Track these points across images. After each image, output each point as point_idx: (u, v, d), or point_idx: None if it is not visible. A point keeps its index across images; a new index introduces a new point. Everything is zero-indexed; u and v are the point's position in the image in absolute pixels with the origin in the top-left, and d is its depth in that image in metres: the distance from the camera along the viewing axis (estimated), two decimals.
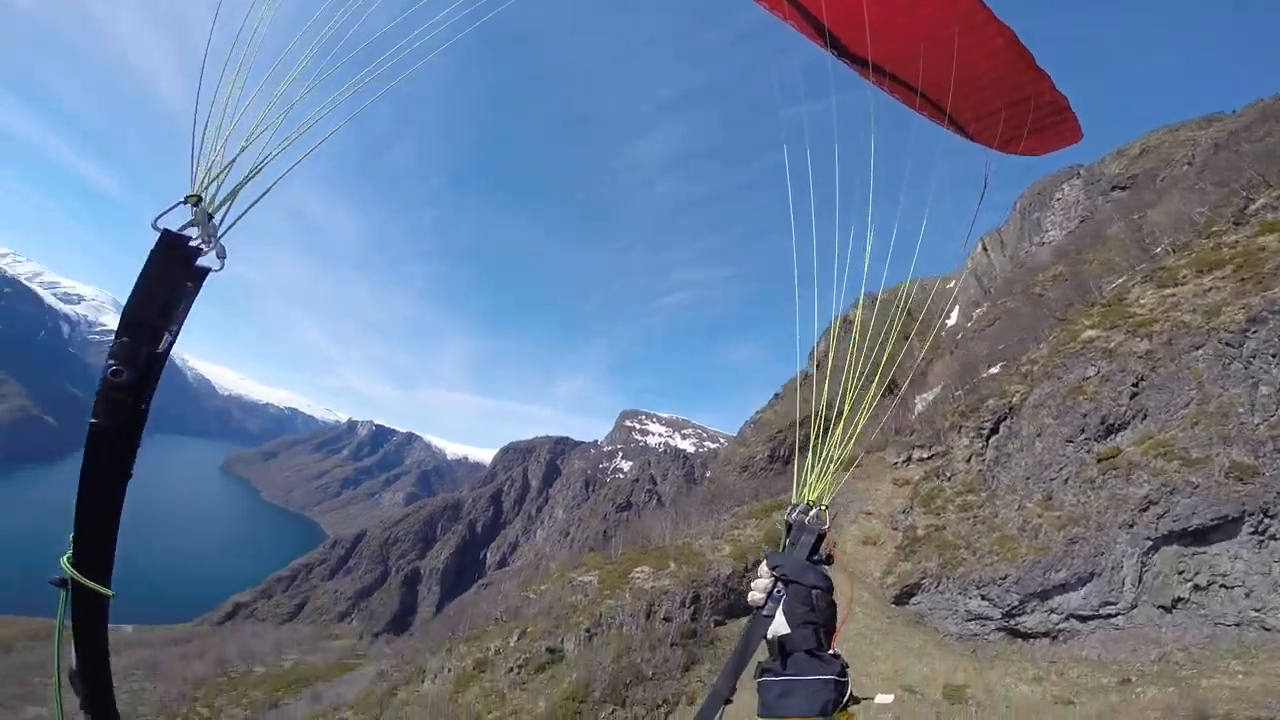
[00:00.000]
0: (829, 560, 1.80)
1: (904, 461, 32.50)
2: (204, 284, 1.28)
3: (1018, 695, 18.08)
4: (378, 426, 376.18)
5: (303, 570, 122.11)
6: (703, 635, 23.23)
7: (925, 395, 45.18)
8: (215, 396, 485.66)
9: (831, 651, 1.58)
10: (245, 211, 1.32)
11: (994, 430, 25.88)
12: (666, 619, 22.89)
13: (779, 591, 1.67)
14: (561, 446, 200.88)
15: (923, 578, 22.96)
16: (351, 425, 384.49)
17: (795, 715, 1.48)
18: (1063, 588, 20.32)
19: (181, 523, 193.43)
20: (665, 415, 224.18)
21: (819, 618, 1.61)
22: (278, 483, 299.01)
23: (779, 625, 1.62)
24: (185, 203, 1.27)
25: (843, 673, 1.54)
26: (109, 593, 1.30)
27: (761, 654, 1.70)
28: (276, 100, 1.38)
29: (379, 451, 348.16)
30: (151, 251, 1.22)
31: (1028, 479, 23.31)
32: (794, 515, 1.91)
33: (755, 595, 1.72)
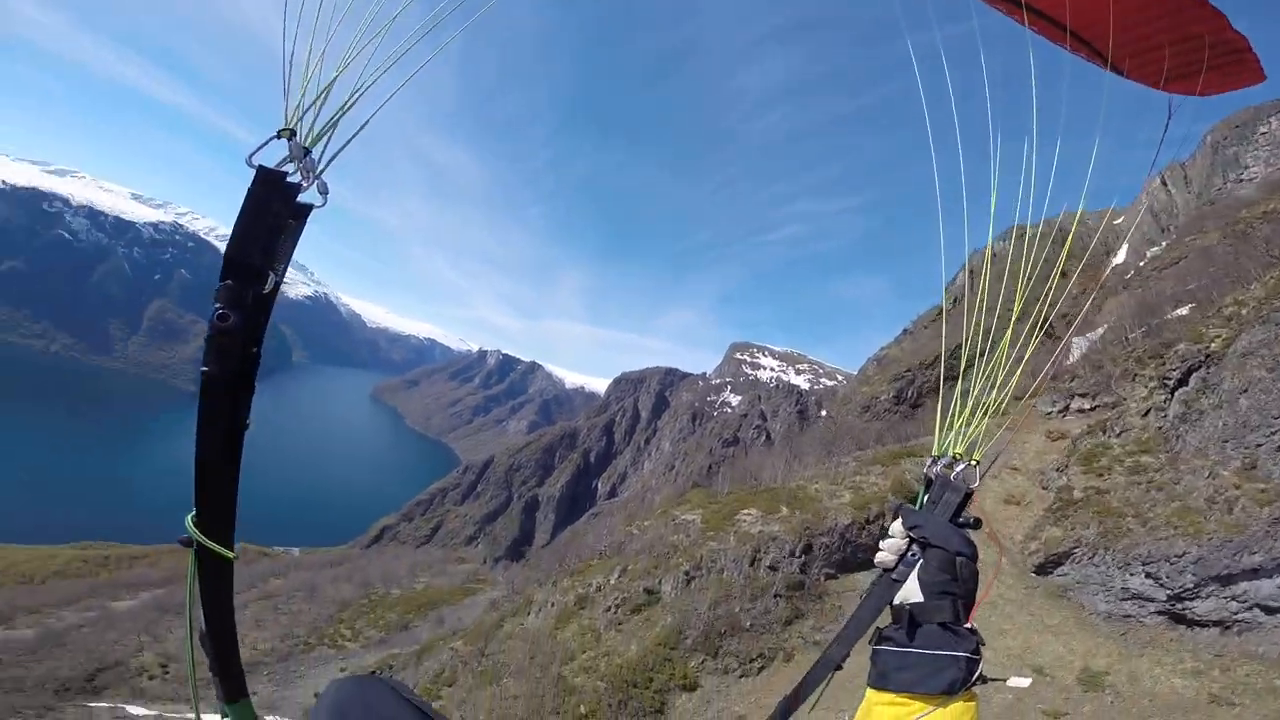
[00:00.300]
0: (976, 524, 1.56)
1: (1060, 412, 28.12)
2: (307, 221, 1.20)
3: (1166, 689, 15.38)
4: (504, 356, 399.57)
5: (438, 495, 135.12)
6: (810, 589, 21.81)
7: (1090, 336, 38.96)
8: (364, 329, 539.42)
9: (968, 626, 1.41)
10: (344, 145, 1.22)
11: (1182, 381, 21.28)
12: (772, 568, 21.68)
13: (914, 555, 1.49)
14: (670, 378, 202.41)
15: (1075, 546, 19.86)
16: (482, 355, 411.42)
17: (913, 692, 1.33)
18: (1255, 573, 16.67)
19: (340, 449, 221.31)
20: (778, 349, 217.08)
21: (960, 588, 1.43)
22: (419, 410, 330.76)
23: (911, 592, 1.45)
24: (279, 137, 1.18)
25: (976, 650, 1.37)
26: (231, 555, 1.25)
27: (883, 620, 1.51)
28: (367, 26, 1.25)
29: (506, 380, 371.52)
30: (249, 189, 1.12)
31: (1225, 442, 18.99)
32: (936, 469, 1.64)
33: (885, 556, 1.53)
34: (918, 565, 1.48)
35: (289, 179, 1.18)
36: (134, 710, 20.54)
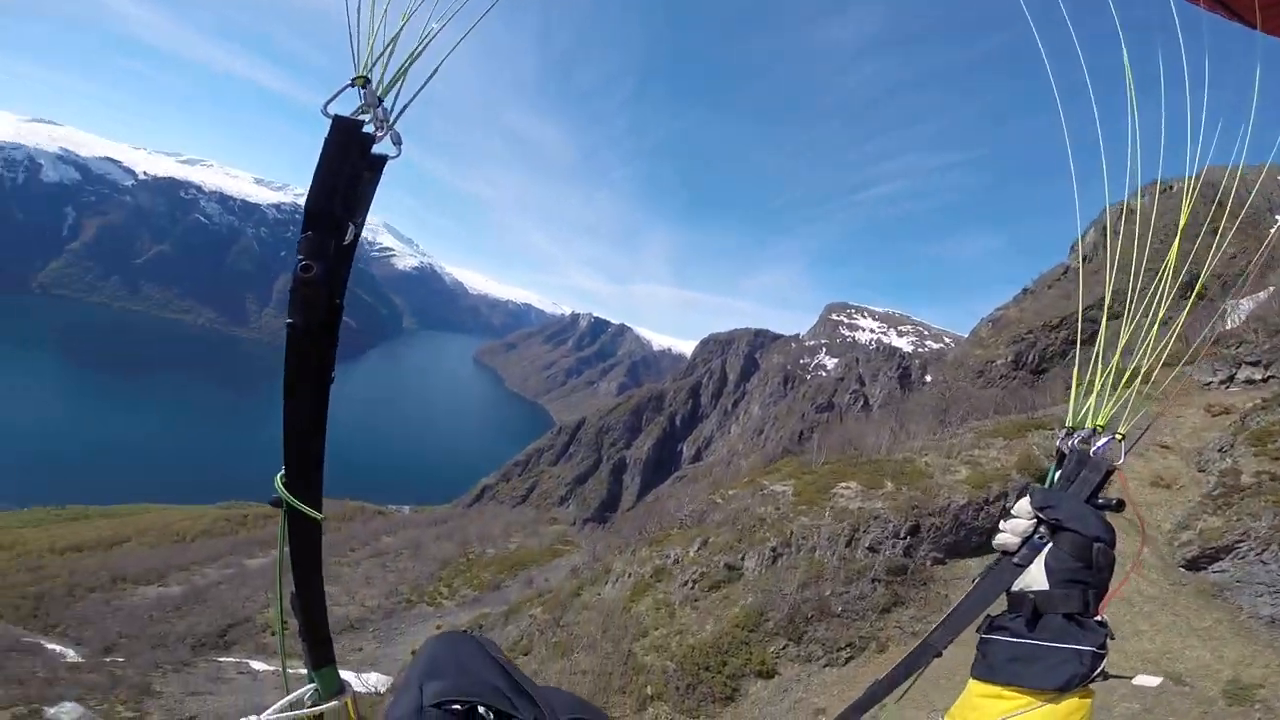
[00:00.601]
0: (1118, 506, 1.38)
1: (1224, 382, 23.71)
2: (383, 173, 1.18)
3: None
4: (595, 319, 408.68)
5: (534, 455, 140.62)
6: (914, 574, 19.91)
7: (1257, 297, 32.77)
8: (467, 296, 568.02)
9: (1098, 619, 1.26)
10: (415, 95, 1.19)
11: None
12: (872, 549, 19.94)
13: (1041, 537, 1.33)
14: (760, 339, 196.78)
15: (1239, 540, 16.66)
16: (574, 318, 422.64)
17: (1023, 685, 1.21)
18: None
19: (447, 411, 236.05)
20: (878, 309, 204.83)
21: (1092, 577, 1.26)
22: (517, 372, 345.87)
23: (1034, 579, 1.30)
24: (353, 85, 1.15)
25: (1103, 645, 1.23)
26: (318, 516, 1.25)
27: (996, 607, 1.38)
28: None
29: (597, 342, 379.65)
30: (325, 140, 1.11)
31: None
32: (1071, 442, 1.46)
33: (1006, 538, 1.38)
34: (1045, 549, 1.31)
35: (364, 129, 1.14)
36: (256, 665, 22.51)
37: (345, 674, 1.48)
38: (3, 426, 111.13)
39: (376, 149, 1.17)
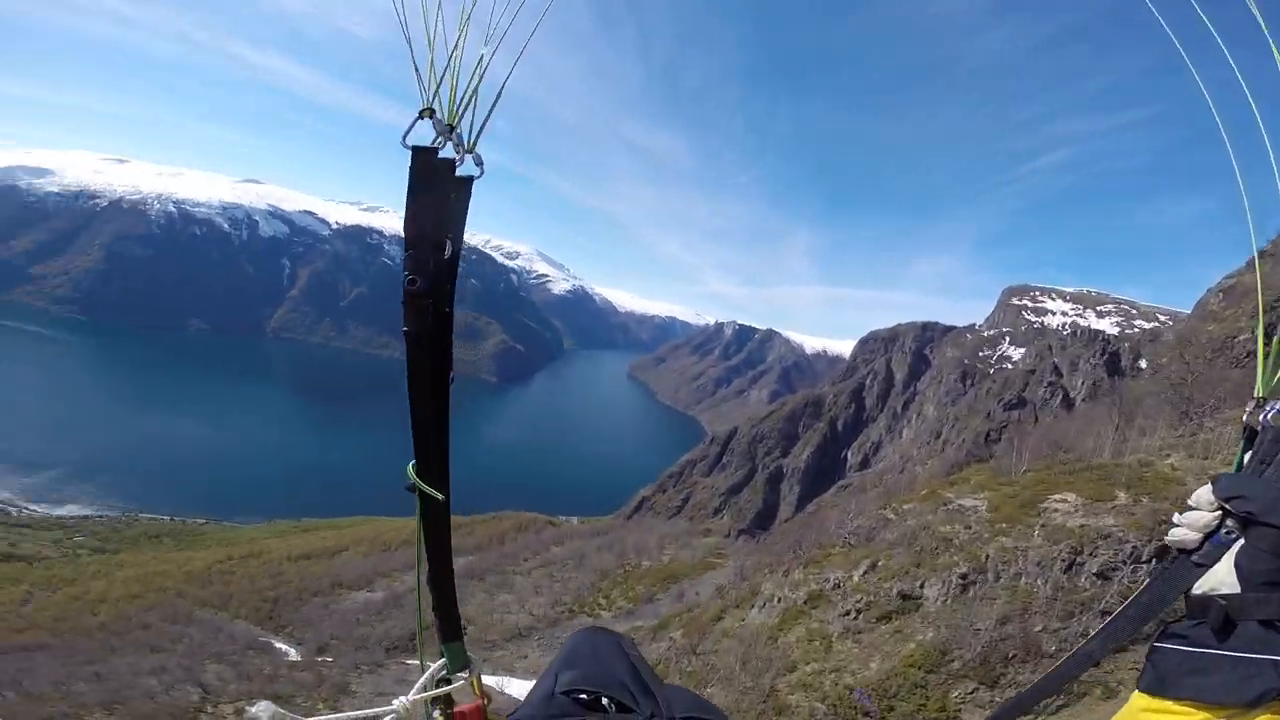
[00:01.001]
0: None
1: None
2: (472, 189, 1.28)
3: None
4: (740, 326, 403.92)
5: (687, 466, 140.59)
6: (1155, 604, 15.60)
7: None
8: (615, 314, 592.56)
9: None
10: (487, 117, 1.27)
11: None
12: (1102, 575, 16.12)
13: (1229, 533, 1.13)
14: (929, 333, 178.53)
15: None
16: (718, 327, 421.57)
17: (1204, 700, 1.05)
18: None
19: (607, 425, 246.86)
20: (1068, 289, 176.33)
21: None
22: (668, 385, 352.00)
23: (1221, 580, 1.11)
24: (421, 117, 1.22)
25: None
26: (440, 497, 1.40)
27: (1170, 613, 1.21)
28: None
29: (743, 350, 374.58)
30: (409, 169, 1.20)
31: None
32: (1264, 416, 1.19)
33: (1184, 534, 1.18)
34: (1235, 546, 1.11)
35: (440, 155, 1.22)
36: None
37: (512, 680, 2.17)
38: (250, 451, 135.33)
39: (461, 170, 1.25)
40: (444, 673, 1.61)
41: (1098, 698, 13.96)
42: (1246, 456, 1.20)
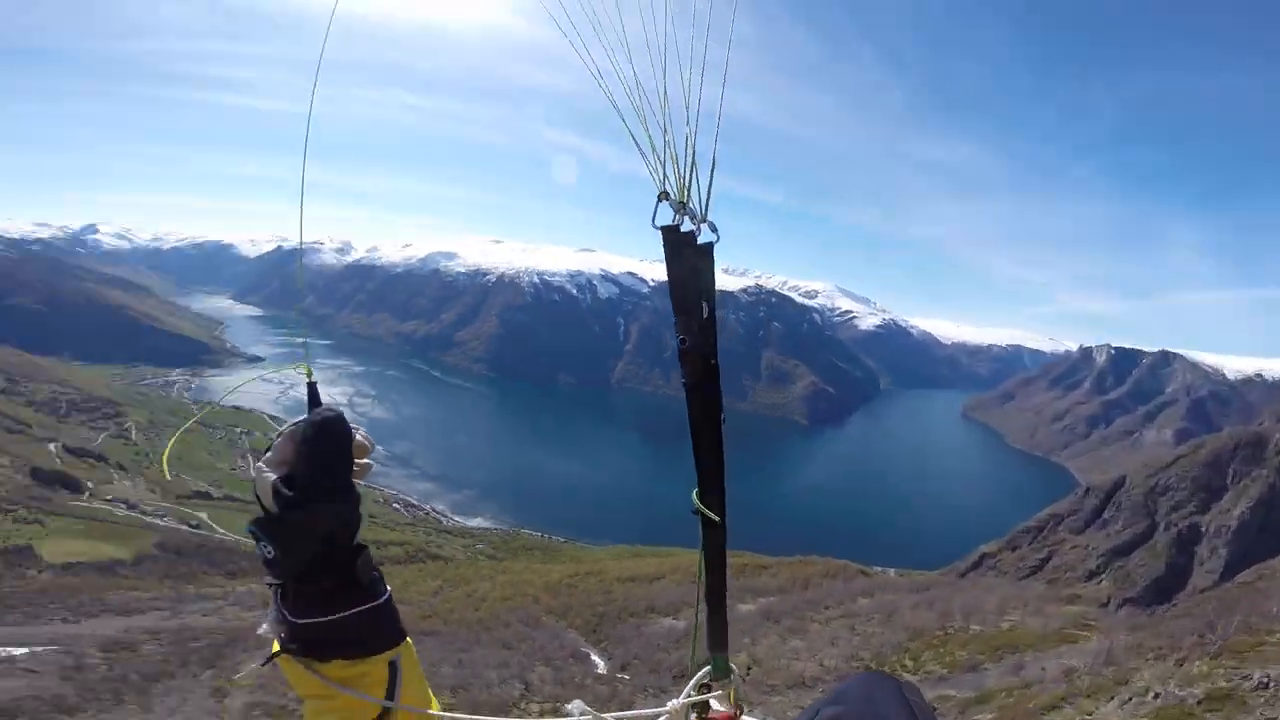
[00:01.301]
0: None
1: None
2: (714, 252, 1.42)
3: None
4: (1116, 349, 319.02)
5: (1050, 521, 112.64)
6: None
7: None
8: (939, 347, 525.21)
9: None
10: (709, 190, 1.40)
11: None
12: None
13: None
14: None
15: None
16: (1084, 353, 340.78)
17: None
18: None
19: (935, 470, 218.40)
20: None
21: None
22: (1019, 426, 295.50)
23: None
24: (660, 200, 1.40)
25: None
26: (717, 519, 1.60)
27: None
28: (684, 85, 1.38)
29: (1126, 380, 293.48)
30: (663, 248, 1.39)
31: None
32: None
33: None
34: None
35: (683, 230, 1.40)
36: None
37: None
38: (604, 483, 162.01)
39: (702, 239, 1.41)
40: (707, 679, 1.77)
41: None
42: None
